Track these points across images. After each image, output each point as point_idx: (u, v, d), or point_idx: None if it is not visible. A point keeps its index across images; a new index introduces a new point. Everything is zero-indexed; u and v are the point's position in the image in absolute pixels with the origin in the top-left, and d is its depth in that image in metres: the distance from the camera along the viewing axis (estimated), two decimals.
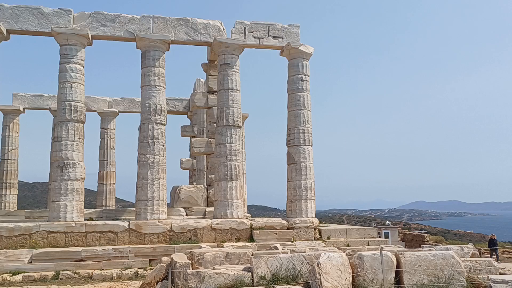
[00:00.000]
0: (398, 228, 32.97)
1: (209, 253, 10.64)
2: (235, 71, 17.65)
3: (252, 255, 10.08)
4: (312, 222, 17.27)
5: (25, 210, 20.88)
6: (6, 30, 15.97)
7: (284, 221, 17.21)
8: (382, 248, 8.72)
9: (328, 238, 17.21)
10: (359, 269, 8.23)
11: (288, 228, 17.01)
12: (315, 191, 17.89)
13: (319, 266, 8.11)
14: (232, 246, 14.87)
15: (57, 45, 16.56)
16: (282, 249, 11.43)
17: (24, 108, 25.35)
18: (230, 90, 17.44)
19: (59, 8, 16.49)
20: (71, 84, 16.24)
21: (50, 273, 13.60)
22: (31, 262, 13.97)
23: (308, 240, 16.68)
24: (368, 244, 16.66)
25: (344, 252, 9.67)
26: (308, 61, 18.52)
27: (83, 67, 16.70)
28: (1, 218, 18.03)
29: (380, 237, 22.49)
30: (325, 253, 8.73)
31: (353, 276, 8.28)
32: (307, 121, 18.07)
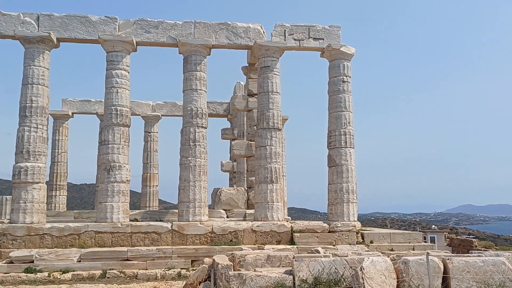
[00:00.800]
0: (445, 233, 31.88)
1: (250, 255, 10.69)
2: (275, 74, 17.68)
3: (294, 258, 10.03)
4: (354, 226, 16.99)
5: (74, 211, 21.75)
6: (56, 38, 16.75)
7: (325, 224, 17.03)
8: (428, 253, 8.47)
9: (371, 242, 16.86)
10: (404, 275, 8.02)
11: (329, 232, 16.82)
12: (357, 194, 17.61)
13: (363, 270, 7.96)
14: (272, 248, 14.84)
15: (104, 52, 17.20)
16: (324, 253, 11.32)
17: (72, 113, 26.45)
18: (270, 93, 17.48)
19: (105, 16, 17.12)
20: (117, 90, 16.82)
21: (98, 272, 14.07)
22: (79, 261, 14.52)
23: (350, 244, 16.41)
24: (413, 249, 16.18)
25: (388, 257, 9.45)
26: (350, 62, 18.27)
27: (128, 72, 17.27)
28: (52, 218, 18.87)
29: (425, 242, 21.81)
30: (368, 258, 8.57)
31: (398, 282, 8.06)
32: (349, 123, 17.82)
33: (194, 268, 14.52)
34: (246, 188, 20.76)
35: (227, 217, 19.38)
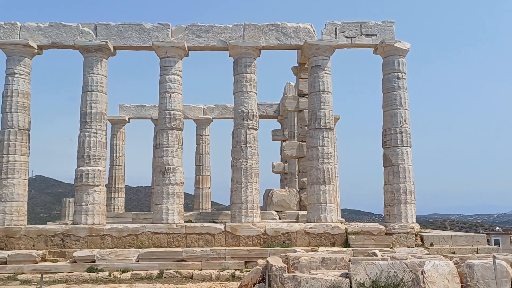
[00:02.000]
0: (510, 235, 29.99)
1: (304, 257, 10.55)
2: (326, 73, 17.41)
3: (350, 261, 9.79)
4: (413, 228, 16.34)
5: (132, 213, 22.50)
6: (113, 46, 17.44)
7: (381, 226, 16.51)
8: (494, 256, 7.96)
9: (431, 245, 16.13)
10: (468, 279, 7.58)
11: (386, 234, 16.28)
12: (415, 195, 16.94)
13: (424, 274, 7.63)
14: (327, 251, 14.58)
15: (157, 58, 17.70)
16: (382, 256, 10.96)
17: (129, 118, 27.45)
18: (321, 92, 17.22)
19: (158, 23, 17.62)
20: (170, 94, 17.24)
21: (155, 272, 14.44)
22: (138, 261, 14.99)
23: (408, 247, 15.79)
24: (477, 252, 15.30)
25: (451, 260, 8.99)
26: (405, 58, 17.64)
27: (181, 77, 17.66)
28: (111, 219, 19.63)
29: (489, 244, 20.61)
30: (430, 261, 8.20)
31: (461, 287, 7.64)
32: (405, 121, 17.19)
33: (248, 270, 14.54)
34: (298, 189, 20.58)
35: (279, 218, 19.29)
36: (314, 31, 17.79)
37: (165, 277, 14.28)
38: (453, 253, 15.17)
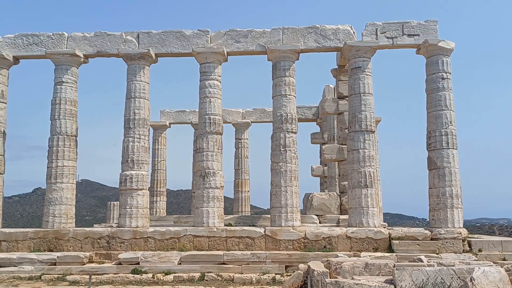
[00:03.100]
0: None
1: (347, 263, 10.38)
2: (367, 75, 17.12)
3: (394, 266, 9.54)
4: (460, 233, 15.74)
5: (174, 216, 22.95)
6: (155, 54, 17.89)
7: (426, 231, 16.00)
8: None
9: (480, 251, 15.48)
10: None
11: (431, 239, 15.75)
12: (462, 199, 16.33)
13: (473, 281, 7.33)
14: (369, 256, 14.28)
15: (197, 64, 17.99)
16: (427, 261, 10.62)
17: (170, 123, 28.04)
18: (362, 94, 16.95)
19: (198, 30, 17.92)
20: (210, 99, 17.48)
21: (197, 275, 14.62)
22: (180, 264, 15.23)
23: (455, 253, 15.21)
24: None
25: (502, 267, 8.60)
26: (449, 58, 17.08)
27: (220, 82, 17.87)
28: (154, 222, 20.09)
29: None
30: (479, 268, 7.88)
31: None
32: (450, 122, 16.62)
33: (289, 274, 14.46)
34: (339, 193, 20.30)
35: (320, 222, 19.09)
36: (354, 33, 17.55)
37: (206, 280, 14.43)
38: (504, 259, 14.49)
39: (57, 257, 15.40)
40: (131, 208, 16.89)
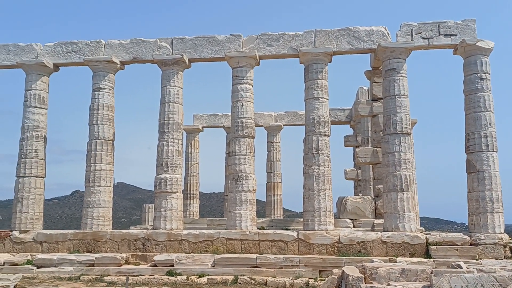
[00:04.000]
0: None
1: (382, 268, 10.19)
2: (402, 76, 16.79)
3: (432, 272, 9.29)
4: (501, 238, 15.16)
5: (207, 219, 23.16)
6: (188, 59, 18.16)
7: (465, 236, 15.49)
8: None
9: None
10: None
11: (471, 245, 15.24)
12: (502, 203, 15.73)
13: None
14: (406, 261, 13.97)
15: (229, 68, 18.15)
16: (467, 268, 10.28)
17: (202, 127, 28.38)
18: (397, 96, 16.62)
19: (230, 34, 18.08)
20: (242, 103, 17.59)
21: (230, 278, 14.70)
22: (213, 266, 15.35)
23: (496, 259, 14.65)
24: None
25: None
26: (488, 58, 16.53)
27: (252, 86, 17.95)
28: (187, 225, 20.32)
29: None
30: None
31: None
32: (490, 124, 16.06)
33: (322, 278, 14.33)
34: (373, 197, 19.95)
35: (354, 226, 18.80)
36: (388, 34, 17.26)
37: (239, 283, 14.48)
38: None
39: (95, 258, 15.83)
40: (165, 211, 17.17)
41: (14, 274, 14.37)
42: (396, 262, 13.91)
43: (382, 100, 17.79)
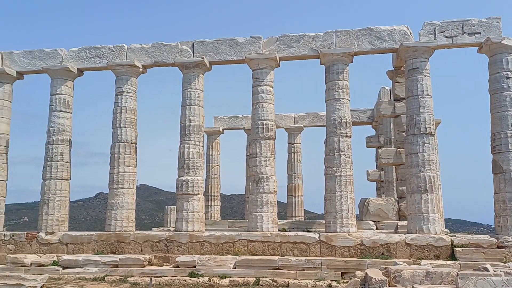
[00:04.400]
0: None
1: (406, 271, 10.06)
2: (425, 75, 16.52)
3: (457, 275, 9.12)
4: None
5: (228, 220, 23.24)
6: (209, 62, 18.29)
7: (492, 239, 15.11)
8: None
9: None
10: None
11: (498, 247, 14.85)
12: None
13: None
14: (430, 264, 13.72)
15: (249, 70, 18.19)
16: (494, 271, 10.05)
17: (223, 129, 28.53)
18: (420, 96, 16.37)
19: (250, 37, 18.13)
20: (262, 105, 17.60)
21: (251, 279, 14.69)
22: (235, 268, 15.37)
23: None
24: None
25: None
26: None
27: (272, 88, 17.95)
28: (209, 227, 20.44)
29: None
30: None
31: None
32: None
33: (345, 281, 14.21)
34: (397, 198, 19.67)
35: (377, 228, 18.58)
36: (410, 33, 17.03)
37: (261, 285, 14.46)
38: None
39: (119, 259, 16.06)
40: (187, 212, 17.31)
41: (41, 274, 14.72)
42: (420, 264, 13.68)
43: (404, 100, 17.55)
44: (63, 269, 15.99)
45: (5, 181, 19.26)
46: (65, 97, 19.06)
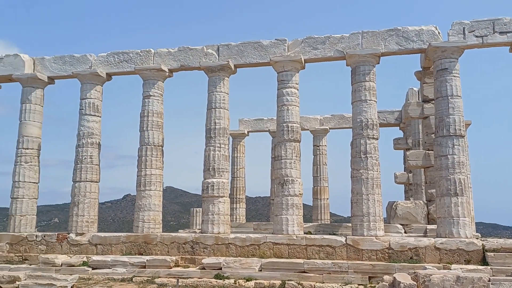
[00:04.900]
0: None
1: (436, 275, 9.82)
2: (454, 76, 16.15)
3: (489, 281, 8.84)
4: None
5: (253, 223, 23.25)
6: (234, 65, 18.38)
7: None
8: None
9: None
10: None
11: None
12: None
13: None
14: (461, 268, 13.37)
15: (274, 73, 18.18)
16: None
17: (248, 131, 28.58)
18: (449, 97, 16.00)
19: (275, 39, 18.13)
20: (287, 107, 17.56)
21: (277, 282, 14.64)
22: (260, 270, 15.35)
23: None
24: None
25: None
26: None
27: (298, 90, 17.88)
28: (234, 229, 20.49)
29: None
30: None
31: None
32: None
33: (372, 285, 14.00)
34: (426, 202, 19.24)
35: (405, 232, 18.22)
36: (439, 33, 16.68)
37: None
38: None
39: (146, 260, 16.27)
40: (213, 215, 17.40)
41: (71, 275, 15.05)
42: (450, 269, 13.35)
43: (433, 102, 17.20)
44: (92, 269, 16.33)
45: (37, 183, 19.84)
46: (94, 101, 19.49)
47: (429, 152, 18.60)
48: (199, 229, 21.68)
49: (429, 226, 17.70)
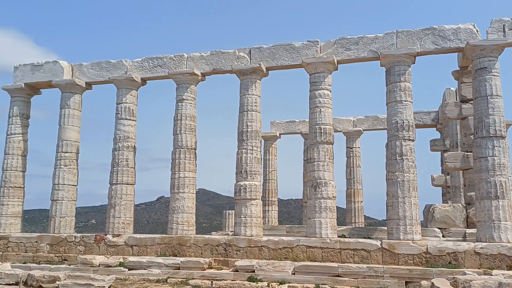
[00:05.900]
0: None
1: (477, 281, 9.48)
2: (494, 75, 15.57)
3: None
4: None
5: (286, 225, 23.16)
6: (266, 68, 18.39)
7: None
8: None
9: None
10: None
11: None
12: None
13: None
14: (503, 274, 12.84)
15: (306, 75, 18.06)
16: None
17: (280, 134, 28.55)
18: (489, 97, 15.44)
19: (307, 41, 18.02)
20: (320, 109, 17.40)
21: (311, 286, 14.48)
22: (294, 274, 15.24)
23: None
24: None
25: None
26: None
27: (330, 91, 17.69)
28: (267, 232, 20.45)
29: None
30: None
31: None
32: None
33: None
34: (464, 205, 18.63)
35: (443, 236, 17.69)
36: (477, 31, 16.14)
37: None
38: None
39: (181, 262, 16.47)
40: (245, 217, 17.44)
41: (108, 275, 15.43)
42: (491, 275, 12.86)
43: (472, 102, 16.65)
44: (128, 270, 16.66)
45: (76, 185, 20.47)
46: (129, 106, 19.94)
47: (468, 153, 18.01)
48: (231, 231, 21.79)
49: (468, 230, 17.10)
